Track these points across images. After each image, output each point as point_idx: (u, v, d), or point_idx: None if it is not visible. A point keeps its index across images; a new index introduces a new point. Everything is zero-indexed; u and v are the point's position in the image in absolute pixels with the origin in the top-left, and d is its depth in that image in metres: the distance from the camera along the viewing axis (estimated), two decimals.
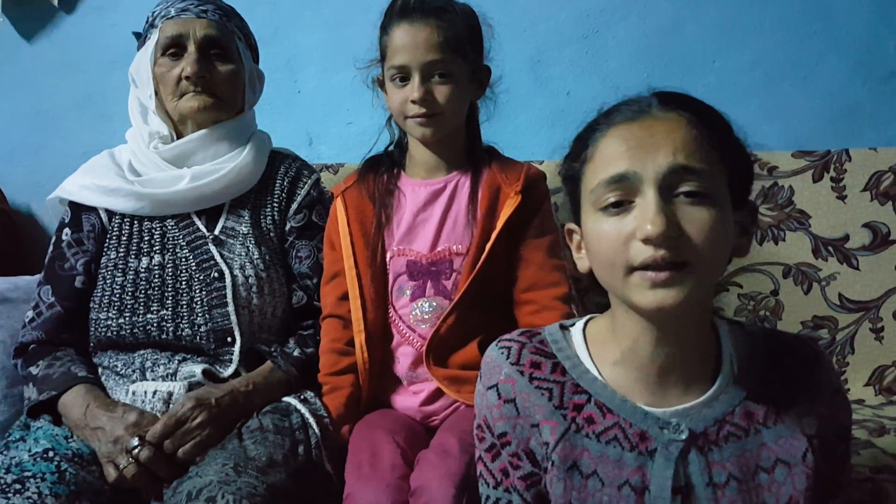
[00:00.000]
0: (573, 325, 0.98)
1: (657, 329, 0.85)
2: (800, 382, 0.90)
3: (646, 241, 0.78)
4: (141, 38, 1.55)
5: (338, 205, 1.46)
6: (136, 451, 1.21)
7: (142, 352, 1.40)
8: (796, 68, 1.99)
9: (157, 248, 1.46)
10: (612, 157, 0.83)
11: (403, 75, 1.34)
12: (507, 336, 0.97)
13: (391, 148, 1.51)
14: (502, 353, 0.94)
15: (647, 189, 0.79)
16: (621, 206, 0.81)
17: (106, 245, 1.48)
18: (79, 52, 2.11)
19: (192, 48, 1.46)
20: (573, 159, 0.90)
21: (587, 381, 0.90)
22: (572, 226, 0.94)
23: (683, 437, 0.86)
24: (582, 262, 0.92)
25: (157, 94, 1.50)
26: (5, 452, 1.23)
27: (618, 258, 0.81)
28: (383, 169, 1.47)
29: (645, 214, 0.78)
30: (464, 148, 1.45)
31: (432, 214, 1.41)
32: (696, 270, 0.78)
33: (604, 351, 0.92)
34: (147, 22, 1.53)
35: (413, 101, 1.33)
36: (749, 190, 0.89)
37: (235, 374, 1.39)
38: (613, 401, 0.89)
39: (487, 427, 0.94)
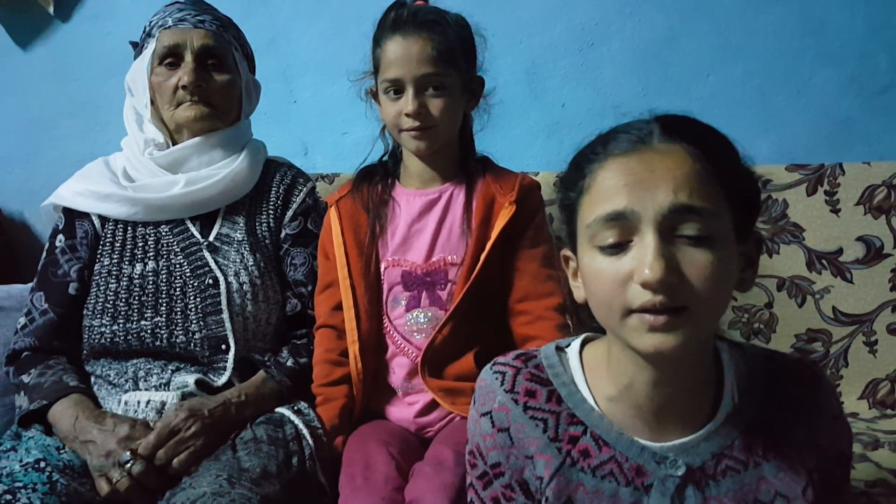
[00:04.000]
0: (569, 345, 0.95)
1: (654, 369, 0.82)
2: (800, 410, 0.88)
3: (644, 285, 0.74)
4: (137, 47, 1.55)
5: (332, 214, 1.46)
6: (129, 465, 1.20)
7: (135, 361, 1.39)
8: (789, 82, 2.01)
9: (150, 254, 1.46)
10: (609, 192, 0.78)
11: (397, 88, 1.34)
12: (501, 359, 0.94)
13: (385, 158, 1.51)
14: (496, 379, 0.91)
15: (646, 229, 0.75)
16: (619, 245, 0.77)
17: (99, 251, 1.47)
18: (73, 60, 2.10)
19: (188, 58, 1.46)
20: (569, 188, 0.86)
21: (583, 412, 0.88)
22: (568, 253, 0.90)
23: (680, 472, 0.84)
24: (578, 292, 0.88)
25: (152, 102, 1.51)
26: None
27: (615, 300, 0.77)
28: (377, 179, 1.47)
29: (643, 258, 0.74)
30: (458, 158, 1.45)
31: (427, 225, 1.41)
32: (696, 315, 0.75)
33: (600, 382, 0.89)
34: (144, 31, 1.53)
35: (407, 115, 1.32)
36: (755, 221, 0.84)
37: (229, 383, 1.39)
38: (610, 434, 0.86)
39: (480, 455, 0.91)
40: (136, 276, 1.43)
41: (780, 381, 0.89)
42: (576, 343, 0.94)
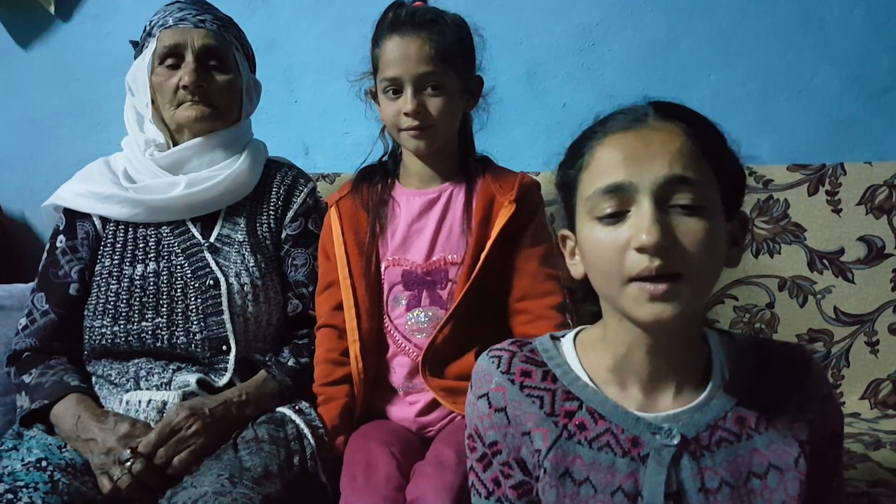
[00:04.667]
0: (563, 336, 0.98)
1: (650, 338, 0.86)
2: (789, 388, 0.90)
3: (640, 250, 0.78)
4: (138, 46, 1.55)
5: (332, 214, 1.46)
6: (129, 463, 1.20)
7: (136, 360, 1.39)
8: (791, 82, 2.01)
9: (151, 255, 1.46)
10: (608, 165, 0.83)
11: (396, 87, 1.34)
12: (497, 346, 0.97)
13: (385, 158, 1.51)
14: (493, 362, 0.93)
15: (643, 199, 0.80)
16: (617, 216, 0.82)
17: (100, 252, 1.47)
18: (74, 60, 2.10)
19: (189, 58, 1.46)
20: (569, 166, 0.90)
21: (578, 388, 0.90)
22: (566, 232, 0.94)
23: (675, 441, 0.86)
24: (576, 269, 0.92)
25: (153, 102, 1.50)
26: None
27: (613, 267, 0.81)
28: (377, 179, 1.47)
29: (640, 224, 0.79)
30: (457, 158, 1.45)
31: (427, 224, 1.41)
32: (691, 282, 0.79)
33: (595, 358, 0.92)
34: (144, 31, 1.52)
35: (406, 114, 1.33)
36: (741, 201, 0.89)
37: (230, 383, 1.39)
38: (605, 406, 0.89)
39: (478, 436, 0.93)
40: (137, 277, 1.43)
41: (769, 364, 0.92)
42: (570, 333, 0.98)
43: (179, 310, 1.41)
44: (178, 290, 1.42)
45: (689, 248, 0.78)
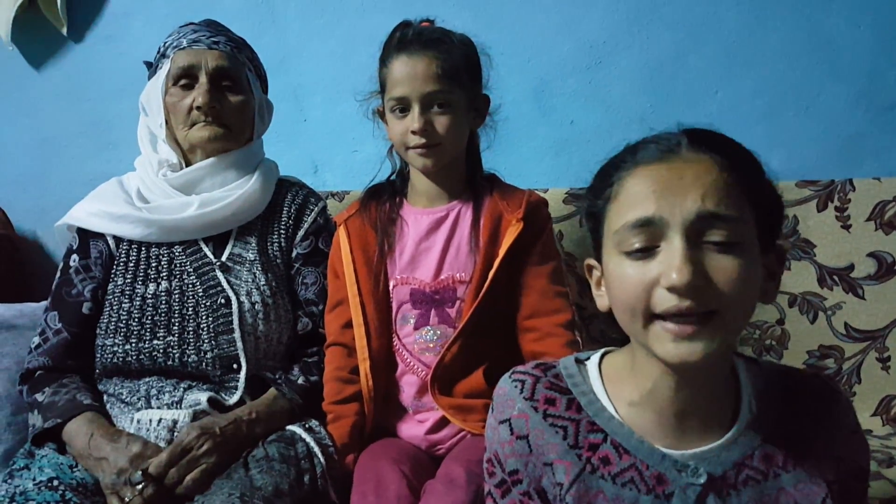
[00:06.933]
0: (588, 358, 0.95)
1: (678, 375, 0.83)
2: (817, 423, 0.88)
3: (671, 289, 0.75)
4: (152, 67, 1.57)
5: (341, 233, 1.47)
6: (141, 486, 1.21)
7: (147, 379, 1.39)
8: (798, 98, 2.01)
9: (164, 274, 1.46)
10: (637, 198, 0.80)
11: (403, 106, 1.35)
12: (520, 368, 0.94)
13: (393, 177, 1.52)
14: (516, 387, 0.91)
15: (674, 235, 0.76)
16: (646, 251, 0.78)
17: (113, 271, 1.48)
18: (86, 81, 2.13)
19: (203, 79, 1.47)
20: (596, 196, 0.87)
21: (603, 420, 0.88)
22: (592, 262, 0.91)
23: (702, 480, 0.84)
24: (601, 301, 0.89)
25: (167, 123, 1.52)
26: (9, 481, 1.22)
27: (639, 304, 0.78)
28: (385, 197, 1.48)
29: (671, 262, 0.75)
30: (465, 176, 1.46)
31: (435, 243, 1.41)
32: (724, 321, 0.76)
33: (621, 389, 0.90)
34: (158, 52, 1.54)
35: (413, 132, 1.34)
36: (778, 234, 0.85)
37: (240, 401, 1.39)
38: (630, 441, 0.86)
39: (498, 462, 0.91)
40: (150, 296, 1.44)
41: (797, 395, 0.89)
42: (595, 356, 0.95)
43: (191, 328, 1.41)
44: (190, 309, 1.43)
45: (723, 287, 0.75)
